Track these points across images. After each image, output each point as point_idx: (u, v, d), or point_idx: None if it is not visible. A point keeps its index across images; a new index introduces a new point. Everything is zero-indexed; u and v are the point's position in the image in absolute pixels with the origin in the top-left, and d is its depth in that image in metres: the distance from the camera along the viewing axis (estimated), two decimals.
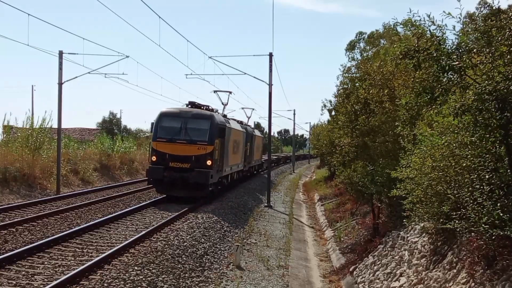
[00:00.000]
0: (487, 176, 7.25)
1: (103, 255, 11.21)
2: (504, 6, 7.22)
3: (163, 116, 21.22)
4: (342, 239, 18.11)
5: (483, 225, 6.70)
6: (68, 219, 16.03)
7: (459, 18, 6.94)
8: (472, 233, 7.47)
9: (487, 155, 7.41)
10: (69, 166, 28.90)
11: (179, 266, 11.42)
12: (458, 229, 7.57)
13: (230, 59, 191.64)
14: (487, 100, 6.56)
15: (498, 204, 6.65)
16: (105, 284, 9.36)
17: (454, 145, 8.12)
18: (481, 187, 7.17)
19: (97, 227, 14.84)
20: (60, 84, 25.59)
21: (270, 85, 26.62)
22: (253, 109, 29.43)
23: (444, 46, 7.04)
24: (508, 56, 6.52)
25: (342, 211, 23.65)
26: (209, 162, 20.38)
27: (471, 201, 7.22)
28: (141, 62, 60.59)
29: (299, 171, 61.91)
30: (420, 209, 9.16)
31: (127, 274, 10.02)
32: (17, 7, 48.36)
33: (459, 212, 7.58)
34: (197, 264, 12.01)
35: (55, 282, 9.08)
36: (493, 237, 6.76)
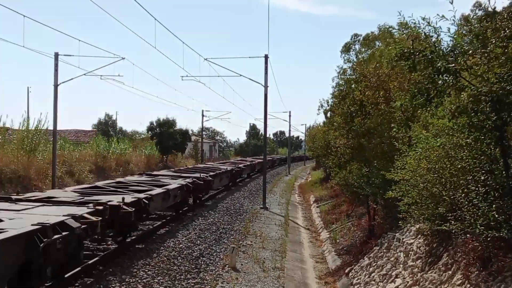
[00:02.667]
0: (482, 178, 7.26)
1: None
2: (499, 8, 7.21)
3: None
4: (337, 240, 18.11)
5: (478, 226, 6.71)
6: None
7: (453, 20, 6.98)
8: (468, 235, 7.47)
9: (482, 157, 7.42)
10: (65, 168, 28.78)
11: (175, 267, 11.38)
12: (453, 231, 7.58)
13: (226, 61, 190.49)
14: (482, 101, 6.58)
15: (494, 206, 6.66)
16: None
17: (449, 146, 8.14)
18: (477, 188, 7.18)
19: None
20: (56, 86, 25.49)
21: (266, 87, 26.63)
22: None
23: (439, 48, 7.06)
24: (503, 58, 6.54)
25: (338, 213, 23.64)
26: None
27: (467, 202, 7.22)
28: (137, 64, 60.59)
29: (295, 173, 61.89)
30: (415, 211, 9.17)
31: None
32: (13, 9, 48.16)
33: (454, 214, 7.59)
34: (192, 266, 11.98)
35: None
36: (489, 239, 6.77)
